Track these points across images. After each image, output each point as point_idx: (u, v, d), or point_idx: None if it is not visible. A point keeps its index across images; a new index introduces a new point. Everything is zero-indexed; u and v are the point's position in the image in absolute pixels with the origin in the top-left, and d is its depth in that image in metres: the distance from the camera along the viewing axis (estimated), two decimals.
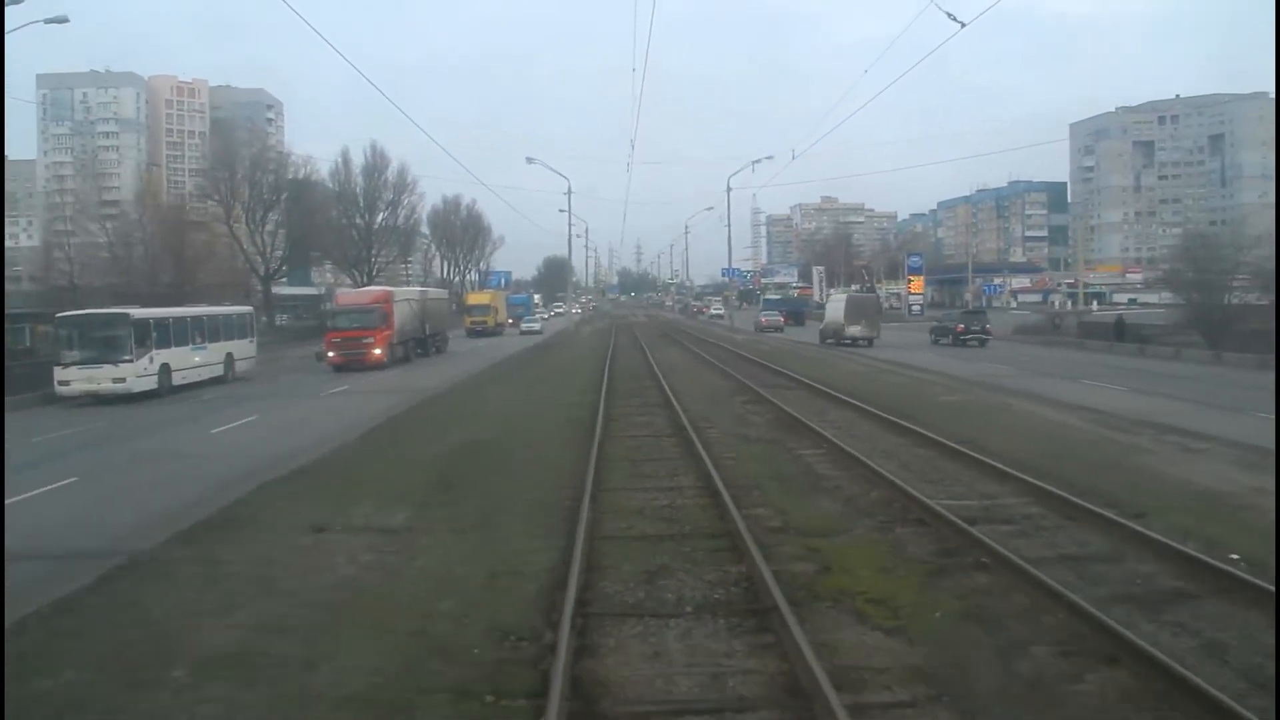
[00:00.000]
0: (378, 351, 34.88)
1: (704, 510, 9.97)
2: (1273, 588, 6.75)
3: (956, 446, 13.10)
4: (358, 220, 60.46)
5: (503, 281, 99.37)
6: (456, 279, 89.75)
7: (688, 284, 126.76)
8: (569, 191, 56.87)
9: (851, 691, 5.35)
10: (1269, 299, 39.56)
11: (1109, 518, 9.08)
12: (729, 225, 62.39)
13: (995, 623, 6.56)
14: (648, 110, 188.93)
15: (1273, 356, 29.09)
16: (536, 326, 65.98)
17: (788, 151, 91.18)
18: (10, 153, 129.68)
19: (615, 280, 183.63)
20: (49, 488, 13.30)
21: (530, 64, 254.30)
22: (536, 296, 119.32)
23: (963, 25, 20.48)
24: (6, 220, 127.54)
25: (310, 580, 7.73)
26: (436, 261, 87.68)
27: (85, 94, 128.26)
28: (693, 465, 12.44)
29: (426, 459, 13.49)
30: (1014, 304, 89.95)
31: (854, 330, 42.04)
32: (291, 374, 34.28)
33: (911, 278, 67.03)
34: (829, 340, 43.27)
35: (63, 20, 28.50)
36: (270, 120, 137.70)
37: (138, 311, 27.15)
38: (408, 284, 63.33)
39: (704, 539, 8.77)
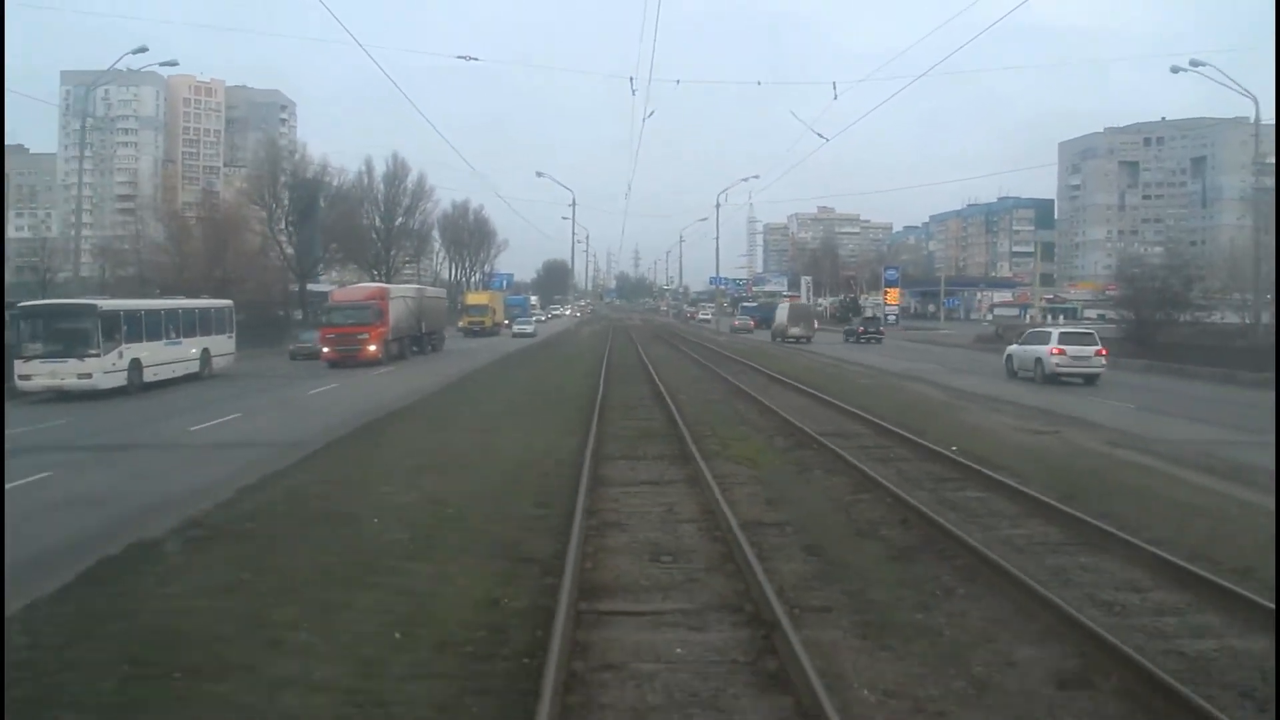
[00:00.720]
0: (372, 348, 35.48)
1: (666, 428, 16.70)
2: None
3: (843, 405, 19.82)
4: (378, 223, 67.07)
5: (505, 283, 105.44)
6: (463, 280, 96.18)
7: (681, 290, 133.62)
8: (573, 203, 63.39)
9: (720, 479, 11.96)
10: (1179, 315, 46.57)
11: (902, 434, 15.75)
12: (717, 239, 69.35)
13: (803, 465, 13.28)
14: (649, 116, 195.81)
15: (1157, 362, 35.84)
16: (529, 329, 64.06)
17: (783, 162, 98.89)
18: (32, 147, 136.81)
19: (613, 284, 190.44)
20: (225, 419, 19.95)
21: (532, 69, 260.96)
22: (533, 298, 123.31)
23: (826, 140, 27.72)
24: (27, 210, 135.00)
25: (447, 446, 14.44)
26: (445, 263, 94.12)
27: (107, 91, 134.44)
28: (663, 410, 19.16)
29: (487, 405, 20.27)
30: (989, 317, 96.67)
31: (794, 330, 54.77)
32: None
33: (888, 289, 73.84)
34: (777, 339, 55.38)
35: (173, 64, 35.19)
36: (284, 120, 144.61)
37: (106, 303, 26.49)
38: (419, 283, 69.43)
39: (662, 437, 15.53)
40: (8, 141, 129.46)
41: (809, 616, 6.88)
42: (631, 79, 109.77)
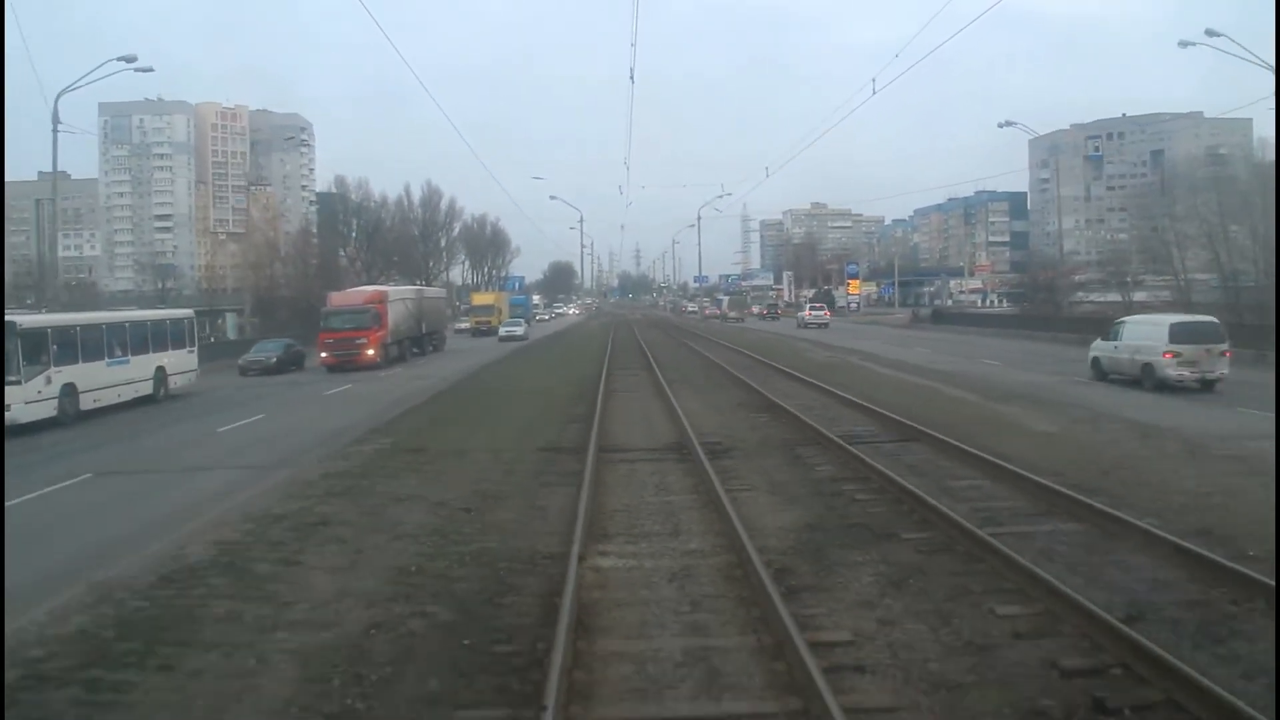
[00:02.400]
0: (370, 352, 36.84)
1: (644, 363, 32.42)
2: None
3: (741, 350, 35.43)
4: (416, 235, 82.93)
5: (517, 285, 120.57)
6: (481, 283, 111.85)
7: (679, 286, 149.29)
8: (581, 220, 78.78)
9: (663, 374, 27.48)
10: (1055, 298, 62.19)
11: (761, 360, 31.33)
12: (699, 246, 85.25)
13: (705, 369, 28.99)
14: (649, 113, 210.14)
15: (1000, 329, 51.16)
16: (519, 331, 57.92)
17: (779, 159, 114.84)
18: (74, 173, 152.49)
19: (616, 283, 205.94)
20: (392, 370, 35.59)
21: (530, 68, 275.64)
22: (536, 297, 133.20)
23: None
24: (72, 231, 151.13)
25: (524, 374, 30.17)
26: (469, 270, 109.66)
27: (142, 120, 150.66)
28: (643, 356, 34.81)
29: (540, 361, 35.97)
30: (950, 302, 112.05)
31: (731, 314, 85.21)
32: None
33: (850, 281, 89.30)
34: (722, 320, 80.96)
35: (297, 136, 50.55)
36: (304, 141, 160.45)
37: (28, 318, 23.51)
38: (454, 287, 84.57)
39: (641, 366, 31.33)
40: (53, 169, 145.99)
41: (675, 386, 22.42)
42: (625, 164, 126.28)
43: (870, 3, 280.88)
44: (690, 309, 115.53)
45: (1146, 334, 23.02)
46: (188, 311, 32.34)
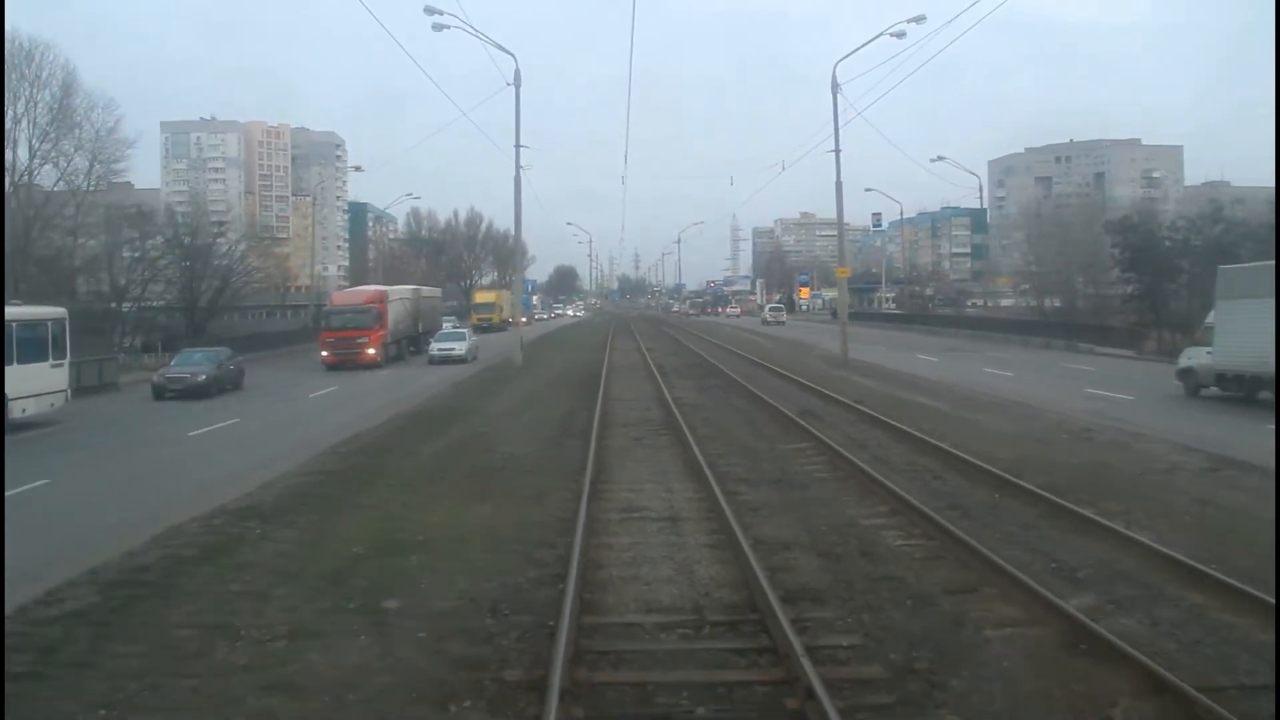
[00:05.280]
0: (371, 351, 37.90)
1: (631, 338, 59.33)
2: None
3: (692, 330, 62.48)
4: (462, 250, 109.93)
5: (530, 288, 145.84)
6: (501, 287, 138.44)
7: (666, 290, 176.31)
8: (590, 240, 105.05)
9: (645, 344, 54.20)
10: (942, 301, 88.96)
11: (703, 336, 58.17)
12: (679, 260, 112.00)
13: (672, 342, 55.96)
14: (648, 115, 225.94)
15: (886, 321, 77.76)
16: (458, 350, 41.77)
17: (779, 162, 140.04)
18: (139, 183, 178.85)
19: (616, 285, 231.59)
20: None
21: (531, 68, 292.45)
22: (535, 298, 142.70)
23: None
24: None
25: (569, 339, 57.10)
26: (494, 274, 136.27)
27: (199, 137, 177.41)
28: (634, 338, 61.64)
29: (569, 337, 63.00)
30: (893, 306, 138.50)
31: (691, 312, 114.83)
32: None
33: (801, 288, 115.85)
34: (685, 316, 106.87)
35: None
36: (339, 156, 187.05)
37: None
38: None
39: (631, 338, 58.38)
40: (118, 179, 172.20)
41: (642, 338, 49.23)
42: (622, 177, 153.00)
43: (870, 3, 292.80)
44: (675, 309, 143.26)
45: (766, 311, 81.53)
46: (57, 310, 24.52)
